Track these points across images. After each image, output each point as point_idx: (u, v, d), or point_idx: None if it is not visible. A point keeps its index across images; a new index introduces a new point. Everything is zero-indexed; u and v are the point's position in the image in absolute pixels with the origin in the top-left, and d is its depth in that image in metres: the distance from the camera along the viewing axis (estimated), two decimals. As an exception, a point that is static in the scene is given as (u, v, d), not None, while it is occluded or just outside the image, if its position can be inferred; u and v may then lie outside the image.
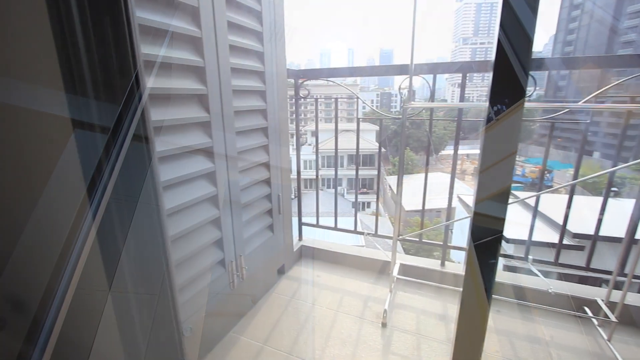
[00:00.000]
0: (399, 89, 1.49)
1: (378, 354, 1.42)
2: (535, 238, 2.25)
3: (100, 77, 0.70)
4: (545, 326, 1.56)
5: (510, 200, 1.60)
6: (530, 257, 1.69)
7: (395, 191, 1.68)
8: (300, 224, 2.30)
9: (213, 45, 1.22)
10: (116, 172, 0.73)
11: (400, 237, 1.72)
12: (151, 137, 0.75)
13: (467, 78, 1.66)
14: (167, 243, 0.83)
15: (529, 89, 1.37)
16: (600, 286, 1.74)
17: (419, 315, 1.66)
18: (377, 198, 2.65)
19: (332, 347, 1.45)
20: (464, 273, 0.56)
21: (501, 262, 4.09)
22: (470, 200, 0.63)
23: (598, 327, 1.50)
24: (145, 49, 0.97)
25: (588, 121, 1.49)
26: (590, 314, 1.54)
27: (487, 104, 0.45)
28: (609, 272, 1.52)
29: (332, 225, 2.26)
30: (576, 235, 4.44)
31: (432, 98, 1.66)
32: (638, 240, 1.31)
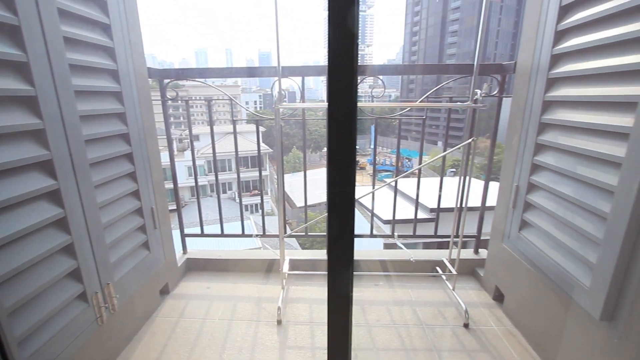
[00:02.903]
0: (271, 89, 1.53)
1: (275, 352, 1.44)
2: (404, 217, 2.65)
3: None
4: (411, 289, 1.87)
5: (377, 186, 1.83)
6: (396, 233, 1.98)
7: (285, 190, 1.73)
8: (183, 235, 2.12)
9: (39, 36, 1.00)
10: None
11: (287, 234, 1.77)
12: (-58, 153, 0.57)
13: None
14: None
15: (379, 90, 1.60)
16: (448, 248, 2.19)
17: (311, 305, 1.76)
18: (262, 199, 2.66)
19: (228, 358, 1.40)
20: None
21: (381, 241, 4.72)
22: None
23: (446, 281, 1.88)
24: None
25: (424, 117, 1.84)
26: (440, 271, 1.93)
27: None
28: (448, 236, 1.92)
29: (220, 232, 2.17)
30: (432, 210, 5.52)
31: (302, 99, 1.76)
32: (463, 208, 1.70)
